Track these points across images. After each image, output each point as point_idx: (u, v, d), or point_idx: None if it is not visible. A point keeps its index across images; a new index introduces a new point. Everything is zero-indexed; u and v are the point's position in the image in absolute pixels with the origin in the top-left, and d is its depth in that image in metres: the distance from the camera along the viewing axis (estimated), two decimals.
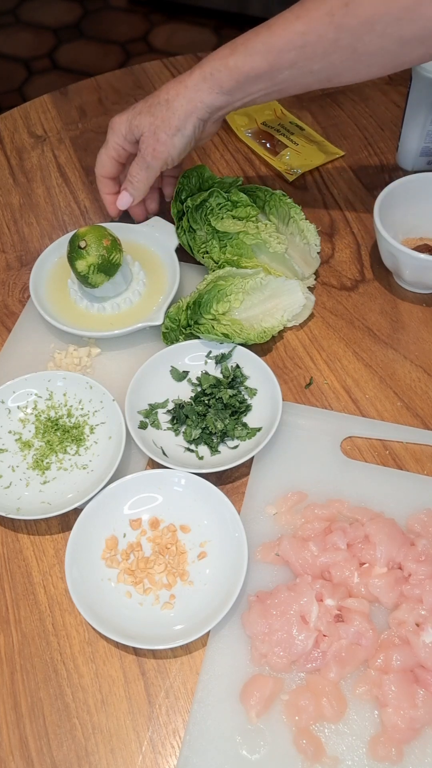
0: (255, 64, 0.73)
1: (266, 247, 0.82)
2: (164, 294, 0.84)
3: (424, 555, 0.62)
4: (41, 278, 0.86)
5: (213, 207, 0.83)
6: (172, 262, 0.86)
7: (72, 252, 0.79)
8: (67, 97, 1.14)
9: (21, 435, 0.74)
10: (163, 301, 0.83)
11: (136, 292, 0.85)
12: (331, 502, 0.68)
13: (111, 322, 0.83)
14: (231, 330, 0.77)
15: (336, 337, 0.83)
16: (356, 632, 0.59)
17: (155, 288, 0.86)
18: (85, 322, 0.83)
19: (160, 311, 0.81)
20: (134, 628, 0.62)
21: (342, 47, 0.70)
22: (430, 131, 0.92)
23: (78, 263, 0.79)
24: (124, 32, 2.73)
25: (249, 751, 0.56)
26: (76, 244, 0.78)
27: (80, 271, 0.79)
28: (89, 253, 0.78)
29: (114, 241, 0.80)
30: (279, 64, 0.72)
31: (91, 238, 0.78)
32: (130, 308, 0.84)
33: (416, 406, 0.76)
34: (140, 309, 0.84)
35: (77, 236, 0.79)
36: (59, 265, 0.87)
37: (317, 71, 0.73)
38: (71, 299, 0.85)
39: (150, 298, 0.85)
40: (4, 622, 0.65)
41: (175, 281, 0.84)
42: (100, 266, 0.79)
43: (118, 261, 0.80)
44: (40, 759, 0.58)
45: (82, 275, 0.79)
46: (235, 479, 0.72)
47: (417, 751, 0.56)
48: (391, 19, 0.66)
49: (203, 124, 0.79)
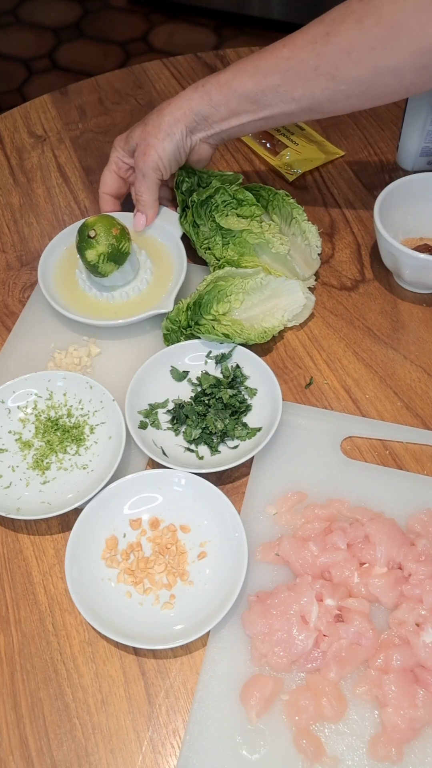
0: (243, 82, 0.78)
1: (269, 248, 0.82)
2: (172, 281, 0.85)
3: (424, 555, 0.62)
4: (49, 269, 0.86)
5: (218, 204, 0.83)
6: (178, 250, 0.87)
7: (81, 241, 0.79)
8: (67, 97, 1.14)
9: (21, 435, 0.74)
10: (171, 289, 0.83)
11: (144, 281, 0.85)
12: (331, 502, 0.68)
13: (120, 311, 0.83)
14: (231, 330, 0.77)
15: (336, 337, 0.83)
16: (356, 632, 0.59)
17: (163, 276, 0.86)
18: (95, 311, 0.83)
19: (169, 299, 0.81)
20: (134, 628, 0.62)
21: (322, 74, 0.74)
22: (430, 131, 0.92)
23: (88, 252, 0.79)
24: (124, 32, 2.73)
25: (249, 751, 0.56)
26: (85, 234, 0.79)
27: (90, 261, 0.79)
28: (99, 242, 0.78)
29: (123, 230, 0.81)
30: (264, 85, 0.77)
31: (100, 228, 0.79)
32: (139, 296, 0.85)
33: (416, 406, 0.76)
34: (149, 297, 0.85)
35: (86, 226, 0.79)
36: (66, 256, 0.88)
37: (299, 98, 0.77)
38: (80, 288, 0.86)
39: (158, 286, 0.85)
40: (4, 622, 0.65)
41: (183, 269, 0.84)
42: (109, 255, 0.79)
43: (127, 250, 0.81)
44: (40, 759, 0.58)
45: (92, 264, 0.80)
46: (235, 479, 0.72)
47: (417, 751, 0.56)
48: (366, 48, 0.71)
49: (191, 134, 0.82)
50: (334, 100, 0.76)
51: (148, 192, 0.85)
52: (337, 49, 0.72)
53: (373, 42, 0.70)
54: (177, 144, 0.82)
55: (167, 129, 0.81)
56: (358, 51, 0.71)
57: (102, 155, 1.05)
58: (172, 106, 0.81)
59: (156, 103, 1.11)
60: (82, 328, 0.84)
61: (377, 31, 0.70)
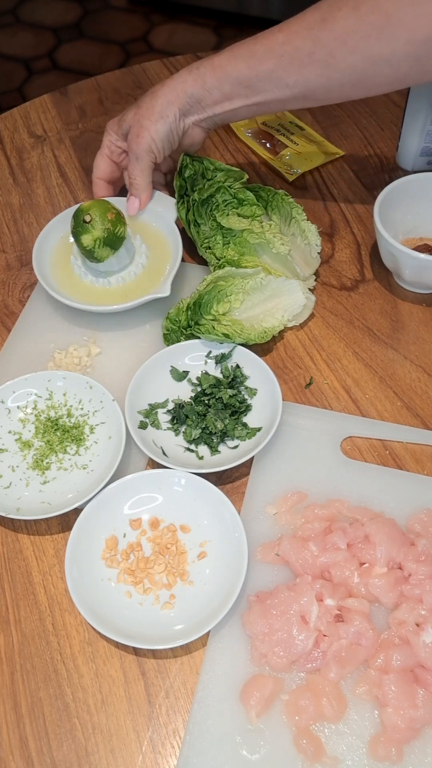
0: (237, 66, 0.77)
1: (269, 248, 0.82)
2: (168, 266, 0.84)
3: (424, 555, 0.62)
4: (44, 256, 0.86)
5: (219, 203, 0.83)
6: (173, 234, 0.86)
7: (77, 227, 0.79)
8: (67, 97, 1.14)
9: (21, 435, 0.74)
10: (168, 273, 0.83)
11: (139, 266, 0.85)
12: (331, 502, 0.68)
13: (117, 296, 0.83)
14: (231, 330, 0.77)
15: (336, 337, 0.83)
16: (356, 632, 0.59)
17: (159, 261, 0.86)
18: (92, 297, 0.83)
19: (166, 283, 0.81)
20: (134, 628, 0.62)
21: (316, 61, 0.73)
22: (430, 131, 0.92)
23: (83, 238, 0.78)
24: (124, 32, 2.73)
25: (249, 751, 0.56)
26: (81, 219, 0.78)
27: (86, 246, 0.79)
28: (95, 227, 0.78)
29: (118, 214, 0.80)
30: (258, 70, 0.76)
31: (96, 212, 0.78)
32: (135, 281, 0.85)
33: (416, 406, 0.76)
34: (145, 282, 0.84)
35: (82, 210, 0.79)
36: (61, 243, 0.88)
37: (293, 85, 0.76)
38: (75, 275, 0.85)
39: (154, 270, 0.85)
40: (4, 622, 0.65)
41: (179, 252, 0.84)
42: (105, 240, 0.79)
43: (122, 234, 0.81)
44: (40, 759, 0.58)
45: (88, 250, 0.79)
46: (235, 479, 0.72)
47: (417, 751, 0.56)
48: (361, 36, 0.70)
49: (184, 117, 0.82)
50: (328, 87, 0.76)
51: (142, 175, 0.84)
52: (333, 36, 0.72)
53: (368, 30, 0.70)
54: (170, 126, 0.81)
55: (160, 111, 0.80)
56: (354, 38, 0.71)
57: None
58: (165, 88, 0.81)
59: None
60: (82, 327, 0.84)
61: (373, 19, 0.69)
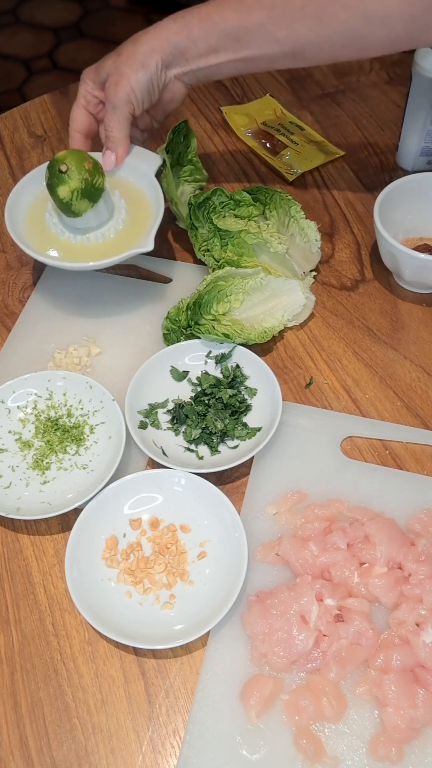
0: (225, 16, 0.74)
1: (267, 247, 0.82)
2: (150, 220, 0.81)
3: (424, 555, 0.62)
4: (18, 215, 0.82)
5: (216, 205, 0.83)
6: (153, 188, 0.83)
7: (52, 178, 0.75)
8: (67, 97, 1.14)
9: (21, 435, 0.74)
10: (151, 228, 0.79)
11: (119, 221, 0.82)
12: (331, 502, 0.68)
13: (97, 253, 0.79)
14: (231, 330, 0.77)
15: (336, 337, 0.83)
16: (356, 632, 0.59)
17: (139, 216, 0.82)
18: (70, 255, 0.80)
19: (148, 238, 0.77)
20: (134, 628, 0.62)
21: (308, 15, 0.70)
22: (430, 131, 0.92)
23: (60, 189, 0.75)
24: (124, 32, 2.71)
25: (249, 751, 0.56)
26: (56, 169, 0.74)
27: (62, 198, 0.75)
28: (71, 177, 0.74)
29: (96, 164, 0.77)
30: (247, 22, 0.73)
31: (71, 162, 0.74)
32: (116, 238, 0.81)
33: (416, 406, 0.76)
34: (126, 238, 0.81)
35: (57, 161, 0.75)
36: (35, 204, 0.84)
37: (282, 41, 0.73)
38: (51, 233, 0.81)
39: (135, 226, 0.82)
40: (4, 622, 0.65)
41: (160, 207, 0.80)
42: (83, 191, 0.75)
43: (101, 185, 0.77)
44: (40, 759, 0.58)
45: (65, 203, 0.75)
46: (235, 479, 0.72)
47: (417, 751, 0.56)
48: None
49: (166, 69, 0.77)
50: (318, 45, 0.73)
51: (119, 127, 0.79)
52: None
53: None
54: (151, 76, 0.77)
55: (142, 59, 0.76)
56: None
57: None
58: (148, 35, 0.77)
59: None
60: (82, 327, 0.84)
61: None
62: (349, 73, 1.13)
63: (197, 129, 1.07)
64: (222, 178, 1.00)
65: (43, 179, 0.79)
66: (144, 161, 0.84)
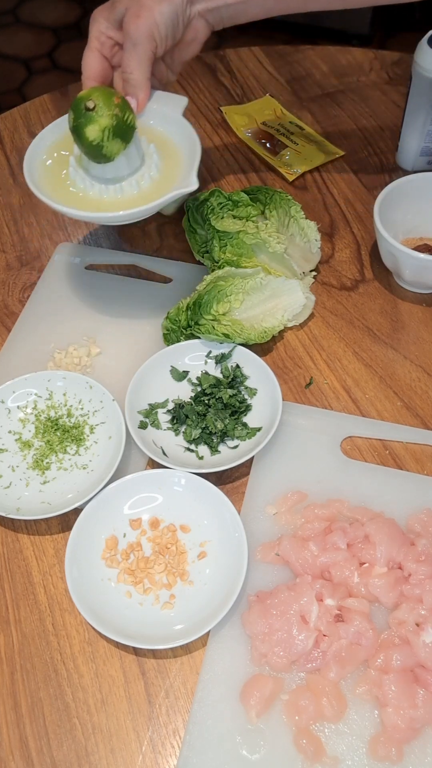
0: None
1: (266, 247, 0.82)
2: (185, 164, 0.73)
3: (424, 555, 0.62)
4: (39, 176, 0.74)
5: (214, 206, 0.83)
6: (183, 129, 0.75)
7: (78, 118, 0.67)
8: (67, 97, 1.14)
9: (21, 435, 0.74)
10: (191, 166, 0.71)
11: (152, 167, 0.74)
12: (331, 502, 0.68)
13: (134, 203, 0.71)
14: (231, 330, 0.77)
15: (336, 337, 0.83)
16: (356, 632, 0.59)
17: (173, 159, 0.75)
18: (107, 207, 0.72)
19: (191, 176, 0.69)
20: (134, 628, 0.62)
21: None
22: (430, 131, 0.92)
23: (88, 130, 0.67)
24: None
25: (249, 751, 0.56)
26: (81, 108, 0.66)
27: (92, 140, 0.67)
28: (100, 113, 0.66)
29: (124, 99, 0.70)
30: None
31: (98, 97, 0.66)
32: (151, 186, 0.73)
33: (416, 406, 0.76)
34: (164, 183, 0.73)
35: (81, 99, 0.67)
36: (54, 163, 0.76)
37: None
38: (79, 189, 0.73)
39: (172, 169, 0.74)
40: (4, 622, 0.65)
41: (195, 145, 0.73)
42: (115, 129, 0.67)
43: (132, 122, 0.69)
44: (40, 759, 0.58)
45: (95, 145, 0.67)
46: (235, 479, 0.72)
47: (417, 751, 0.56)
48: None
49: (191, 4, 0.71)
50: None
51: (140, 67, 0.70)
52: None
53: None
54: (176, 10, 0.69)
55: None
56: None
57: None
58: None
59: None
60: (83, 327, 0.84)
61: None
62: (349, 73, 1.13)
63: (197, 129, 1.06)
64: (222, 178, 1.00)
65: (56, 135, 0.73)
66: (167, 104, 0.76)
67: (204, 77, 1.15)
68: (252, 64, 1.16)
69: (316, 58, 1.16)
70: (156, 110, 0.77)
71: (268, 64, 1.16)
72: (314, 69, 1.14)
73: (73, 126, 0.68)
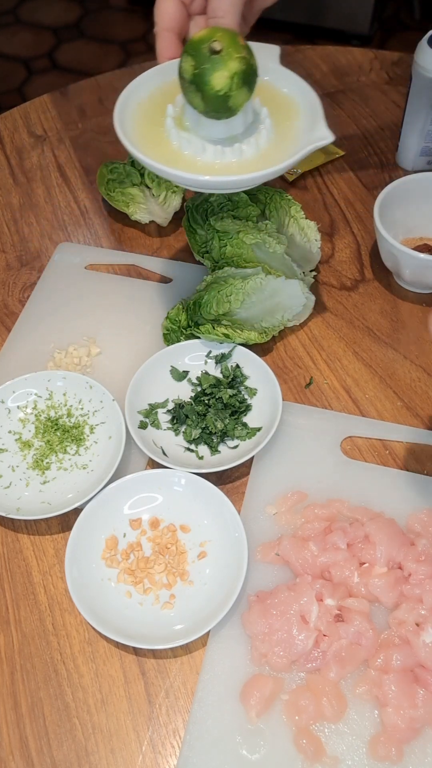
0: None
1: (266, 247, 0.82)
2: (308, 111, 0.64)
3: (424, 555, 0.62)
4: (142, 146, 0.63)
5: (214, 206, 0.83)
6: (288, 77, 0.66)
7: (202, 64, 0.56)
8: (67, 97, 1.14)
9: (21, 435, 0.74)
10: (312, 117, 0.63)
11: (266, 123, 0.64)
12: (331, 502, 0.68)
13: (264, 162, 0.62)
14: (231, 330, 0.77)
15: (336, 337, 0.83)
16: (356, 632, 0.59)
17: (284, 113, 0.65)
18: (230, 171, 0.62)
19: (318, 127, 0.61)
20: (134, 628, 0.62)
21: None
22: (430, 131, 0.92)
23: (216, 77, 0.57)
24: (123, 32, 2.73)
25: (249, 751, 0.56)
26: (204, 51, 0.56)
27: (218, 90, 0.57)
28: (229, 56, 0.56)
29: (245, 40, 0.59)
30: None
31: (224, 38, 0.56)
32: (270, 144, 0.64)
33: (416, 406, 0.76)
34: (282, 141, 0.64)
35: (201, 41, 0.57)
36: (147, 130, 0.65)
37: None
38: (186, 155, 0.63)
39: (286, 124, 0.65)
40: (4, 622, 0.65)
41: (310, 92, 0.64)
42: (244, 74, 0.57)
43: (257, 67, 0.60)
44: (40, 759, 0.58)
45: (221, 95, 0.57)
46: (235, 479, 0.72)
47: (417, 751, 0.56)
48: None
49: None
50: None
51: (232, 10, 0.61)
52: None
53: None
54: None
55: None
56: None
57: (102, 155, 1.05)
58: None
59: None
60: (82, 327, 0.84)
61: None
62: (349, 73, 1.13)
63: None
64: None
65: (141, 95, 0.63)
66: (260, 54, 0.63)
67: None
68: None
69: (316, 58, 1.17)
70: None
71: None
72: (314, 69, 1.14)
73: (194, 74, 0.58)
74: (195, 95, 0.59)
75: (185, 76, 0.59)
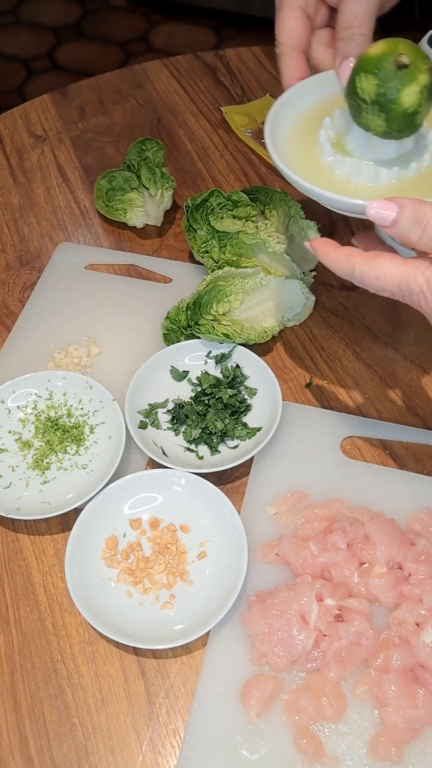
0: None
1: (266, 247, 0.82)
2: None
3: (424, 555, 0.62)
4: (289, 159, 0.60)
5: (213, 206, 0.83)
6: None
7: (389, 81, 0.52)
8: (67, 97, 1.14)
9: (21, 435, 0.74)
10: None
11: (429, 138, 0.59)
12: (331, 502, 0.68)
13: (425, 185, 0.57)
14: (231, 330, 0.77)
15: (336, 337, 0.83)
16: (356, 632, 0.59)
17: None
18: (409, 192, 0.57)
19: None
20: (134, 628, 0.62)
21: None
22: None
23: (406, 93, 0.52)
24: (123, 32, 2.73)
25: (249, 751, 0.56)
26: (390, 66, 0.52)
27: (407, 108, 0.52)
28: (418, 68, 0.52)
29: None
30: None
31: (407, 49, 0.52)
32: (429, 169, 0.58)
33: (416, 406, 0.76)
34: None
35: (386, 54, 0.52)
36: (304, 158, 0.61)
37: None
38: (341, 179, 0.58)
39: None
40: (4, 622, 0.65)
41: None
42: (431, 87, 0.53)
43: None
44: (40, 759, 0.58)
45: (411, 113, 0.53)
46: (235, 479, 0.72)
47: (417, 751, 0.56)
48: None
49: None
50: None
51: (370, 19, 0.56)
52: None
53: None
54: None
55: None
56: None
57: (102, 155, 1.05)
58: None
59: (156, 103, 1.11)
60: (82, 327, 0.84)
61: None
62: None
63: (197, 129, 1.07)
64: (222, 178, 1.00)
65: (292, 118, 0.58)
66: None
67: (204, 77, 1.15)
68: (252, 64, 1.16)
69: None
70: None
71: (268, 64, 1.16)
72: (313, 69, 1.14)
73: (378, 94, 0.53)
74: (377, 117, 0.54)
75: (365, 98, 0.54)
